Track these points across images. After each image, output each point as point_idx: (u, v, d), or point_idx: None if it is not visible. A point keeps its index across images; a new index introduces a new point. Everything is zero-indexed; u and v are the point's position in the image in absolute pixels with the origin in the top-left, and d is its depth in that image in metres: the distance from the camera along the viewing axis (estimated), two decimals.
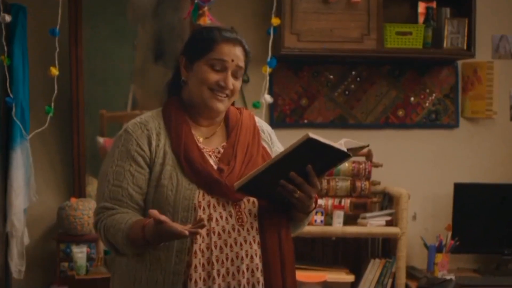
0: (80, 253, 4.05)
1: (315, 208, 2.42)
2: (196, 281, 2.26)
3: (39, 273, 4.31)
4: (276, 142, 2.59)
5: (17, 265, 4.08)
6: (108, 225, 2.27)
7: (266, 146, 2.52)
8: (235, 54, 2.38)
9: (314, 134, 2.17)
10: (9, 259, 4.07)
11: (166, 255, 2.28)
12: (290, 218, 2.47)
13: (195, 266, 2.27)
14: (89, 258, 4.09)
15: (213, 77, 2.36)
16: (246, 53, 2.43)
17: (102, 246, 4.17)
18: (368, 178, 4.27)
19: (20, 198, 4.05)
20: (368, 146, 2.31)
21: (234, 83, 2.39)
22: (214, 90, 2.36)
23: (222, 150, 2.41)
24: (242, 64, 2.40)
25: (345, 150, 2.24)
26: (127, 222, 2.24)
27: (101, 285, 3.39)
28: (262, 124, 2.60)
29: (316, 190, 2.30)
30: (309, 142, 2.18)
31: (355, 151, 2.28)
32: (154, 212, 2.11)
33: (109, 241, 2.28)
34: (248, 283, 2.31)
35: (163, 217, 2.09)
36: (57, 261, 4.13)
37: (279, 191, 2.28)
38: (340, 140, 2.26)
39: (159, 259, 2.29)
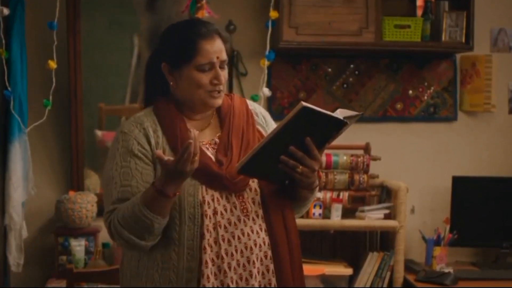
0: (78, 246, 4.05)
1: (318, 184, 2.42)
2: (208, 277, 2.27)
3: (37, 266, 4.31)
4: (271, 123, 2.59)
5: (15, 259, 4.07)
6: (120, 216, 2.25)
7: (261, 129, 2.53)
8: (217, 50, 2.38)
9: (307, 104, 2.18)
10: (8, 253, 4.07)
11: (177, 253, 2.28)
12: (295, 198, 2.47)
13: (206, 262, 2.27)
14: (87, 252, 4.10)
15: (206, 78, 2.36)
16: (224, 41, 2.42)
17: (100, 240, 4.18)
18: (366, 171, 4.27)
19: (18, 192, 4.04)
20: (362, 114, 2.31)
21: (223, 75, 2.40)
22: (210, 90, 2.37)
23: (218, 141, 2.42)
24: (225, 56, 2.41)
25: (341, 117, 2.25)
26: (136, 197, 2.25)
27: (99, 279, 3.38)
28: (255, 106, 2.61)
29: (318, 163, 2.30)
30: (304, 112, 2.18)
31: (350, 119, 2.28)
32: (158, 152, 2.17)
33: (125, 233, 2.24)
34: (258, 272, 2.33)
35: (165, 157, 2.15)
36: (55, 254, 4.13)
37: (281, 168, 2.27)
38: (336, 111, 2.27)
39: (170, 258, 2.29)
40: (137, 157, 2.33)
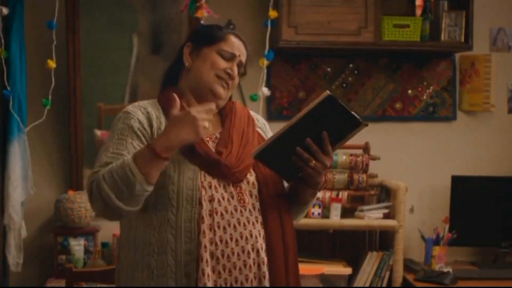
0: (77, 246, 4.05)
1: (324, 184, 2.43)
2: (207, 261, 2.27)
3: (36, 266, 4.31)
4: (269, 132, 2.65)
5: (14, 258, 4.08)
6: (107, 170, 2.23)
7: (261, 132, 2.58)
8: (241, 49, 2.49)
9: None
10: (7, 252, 4.07)
11: (174, 235, 2.28)
12: (296, 200, 2.51)
13: (205, 246, 2.28)
14: (87, 251, 4.10)
15: (223, 63, 2.44)
16: (247, 53, 2.53)
17: (99, 239, 4.18)
18: (365, 171, 4.27)
19: (17, 191, 4.05)
20: (367, 125, 2.33)
21: (236, 76, 2.48)
22: (221, 77, 2.43)
23: (219, 136, 2.46)
24: (244, 60, 2.51)
25: (359, 118, 2.28)
26: (128, 157, 2.25)
27: (98, 278, 3.37)
28: (256, 115, 2.67)
29: (331, 159, 2.33)
30: (328, 101, 2.21)
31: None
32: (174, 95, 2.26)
33: (106, 189, 2.21)
34: (254, 263, 2.33)
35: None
36: (54, 254, 4.14)
37: (294, 160, 2.30)
38: None
39: (167, 241, 2.29)
40: (135, 134, 2.35)
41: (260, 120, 2.66)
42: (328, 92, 2.22)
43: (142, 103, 2.46)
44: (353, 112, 2.28)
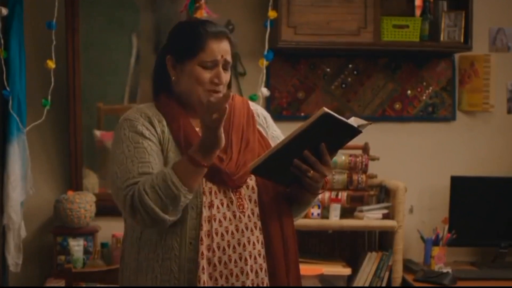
0: (77, 246, 4.05)
1: (324, 189, 2.42)
2: (203, 268, 2.26)
3: (36, 266, 4.31)
4: (272, 125, 2.61)
5: (14, 258, 4.08)
6: (148, 185, 2.21)
7: (261, 129, 2.54)
8: (223, 49, 2.40)
9: (328, 110, 2.20)
10: (6, 252, 4.07)
11: (179, 243, 2.28)
12: (297, 202, 2.49)
13: (202, 253, 2.27)
14: (86, 251, 4.10)
15: (207, 76, 2.37)
16: (232, 45, 2.45)
17: (99, 239, 4.18)
18: (365, 171, 4.27)
19: (17, 191, 4.04)
20: (371, 123, 2.33)
21: (225, 76, 2.41)
22: (209, 89, 2.37)
23: None
24: (230, 58, 2.42)
25: (356, 126, 2.27)
26: (165, 168, 2.24)
27: (98, 278, 3.37)
28: (256, 107, 2.62)
29: (329, 169, 2.32)
30: (325, 117, 2.20)
31: (362, 128, 2.31)
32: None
33: (149, 203, 2.20)
34: (251, 270, 2.32)
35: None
36: (53, 254, 4.14)
37: (292, 172, 2.29)
38: (350, 119, 2.29)
39: (172, 248, 2.29)
40: (149, 139, 2.32)
41: (260, 114, 2.60)
42: (324, 109, 2.19)
43: (140, 107, 2.43)
44: (351, 123, 2.26)
